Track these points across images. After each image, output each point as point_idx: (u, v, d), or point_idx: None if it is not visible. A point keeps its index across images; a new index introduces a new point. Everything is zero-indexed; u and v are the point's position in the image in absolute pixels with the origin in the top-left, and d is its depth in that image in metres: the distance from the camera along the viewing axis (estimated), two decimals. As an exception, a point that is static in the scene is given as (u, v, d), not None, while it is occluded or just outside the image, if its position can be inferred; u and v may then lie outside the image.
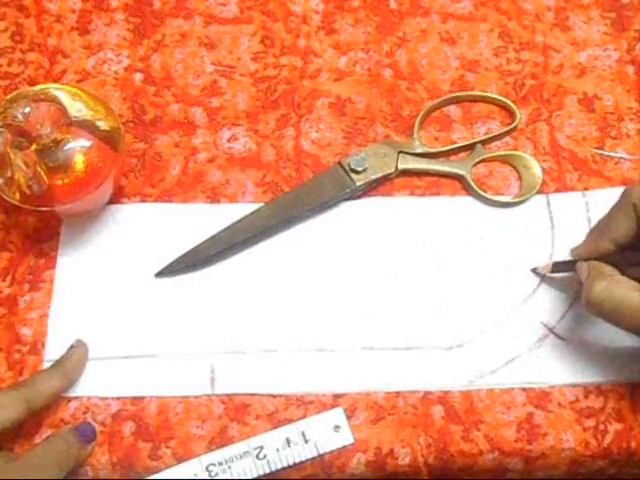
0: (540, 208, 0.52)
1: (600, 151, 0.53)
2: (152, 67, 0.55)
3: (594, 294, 0.42)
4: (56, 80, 0.54)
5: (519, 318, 0.49)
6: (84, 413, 0.47)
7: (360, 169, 0.51)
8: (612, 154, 0.53)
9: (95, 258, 0.50)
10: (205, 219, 0.51)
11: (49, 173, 0.46)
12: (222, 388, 0.47)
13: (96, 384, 0.47)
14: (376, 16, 0.57)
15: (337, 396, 0.47)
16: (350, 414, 0.47)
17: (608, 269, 0.44)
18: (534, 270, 0.50)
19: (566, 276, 0.50)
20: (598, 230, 0.47)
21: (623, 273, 0.44)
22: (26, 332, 0.48)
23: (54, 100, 0.47)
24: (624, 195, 0.45)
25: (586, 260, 0.46)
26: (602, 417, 0.47)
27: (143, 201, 0.52)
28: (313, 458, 0.46)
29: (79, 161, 0.46)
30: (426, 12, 0.57)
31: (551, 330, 0.49)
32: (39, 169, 0.45)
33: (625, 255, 0.45)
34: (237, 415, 0.47)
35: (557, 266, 0.49)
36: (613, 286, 0.42)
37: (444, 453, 0.46)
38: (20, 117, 0.44)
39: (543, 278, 0.50)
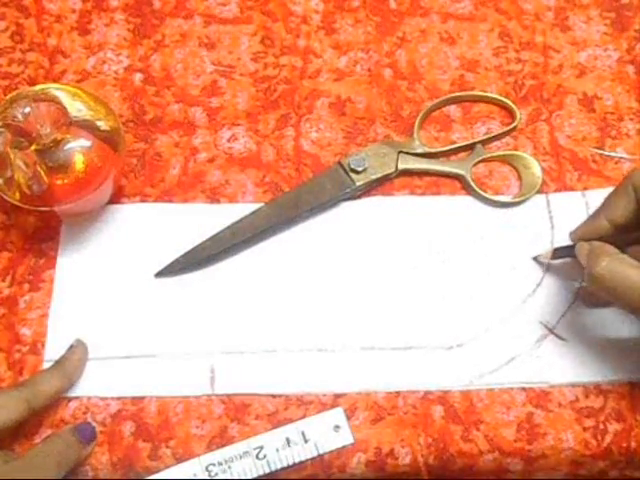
0: (540, 208, 0.52)
1: (600, 151, 0.53)
2: (152, 67, 0.55)
3: (597, 269, 0.42)
4: (56, 80, 0.54)
5: (519, 318, 0.49)
6: (84, 413, 0.47)
7: (360, 169, 0.51)
8: (612, 154, 0.53)
9: (95, 258, 0.50)
10: (205, 219, 0.51)
11: (49, 173, 0.46)
12: (222, 388, 0.47)
13: (96, 384, 0.47)
14: (376, 16, 0.57)
15: (337, 396, 0.47)
16: (350, 414, 0.47)
17: (610, 247, 0.44)
18: (535, 258, 0.50)
19: (565, 276, 0.50)
20: (596, 211, 0.47)
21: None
22: (26, 332, 0.48)
23: (54, 100, 0.47)
24: (625, 177, 0.46)
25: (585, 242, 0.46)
26: (602, 417, 0.47)
27: (143, 201, 0.52)
28: (313, 458, 0.46)
29: (79, 161, 0.46)
30: (426, 12, 0.57)
31: (551, 330, 0.49)
32: (39, 169, 0.45)
33: (622, 236, 0.45)
34: (237, 415, 0.47)
35: (558, 252, 0.49)
36: (616, 263, 0.42)
37: (444, 453, 0.46)
38: (20, 117, 0.44)
39: (543, 278, 0.50)
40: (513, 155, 0.53)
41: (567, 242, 0.50)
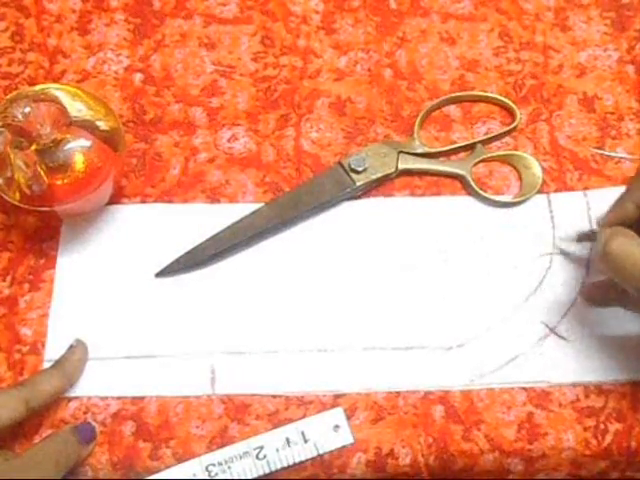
0: (541, 208, 0.52)
1: (600, 151, 0.53)
2: (152, 67, 0.55)
3: (609, 247, 0.42)
4: (56, 80, 0.54)
5: (520, 318, 0.49)
6: (84, 413, 0.47)
7: (360, 169, 0.51)
8: (612, 154, 0.53)
9: (95, 258, 0.50)
10: (205, 219, 0.51)
11: (49, 173, 0.45)
12: (222, 388, 0.47)
13: (96, 384, 0.47)
14: (376, 16, 0.57)
15: (337, 396, 0.47)
16: (350, 414, 0.47)
17: (628, 231, 0.43)
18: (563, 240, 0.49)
19: (567, 276, 0.50)
20: (621, 197, 0.46)
21: None
22: (26, 332, 0.48)
23: (54, 100, 0.47)
24: None
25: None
26: (602, 417, 0.47)
27: (143, 201, 0.52)
28: (313, 458, 0.46)
29: (79, 161, 0.46)
30: (426, 12, 0.57)
31: (552, 330, 0.49)
32: (39, 169, 0.45)
33: None
34: (237, 415, 0.47)
35: (581, 236, 0.49)
36: (628, 243, 0.42)
37: (444, 453, 0.46)
38: (20, 117, 0.44)
39: (544, 277, 0.50)
40: (513, 155, 0.53)
41: (568, 242, 0.50)
